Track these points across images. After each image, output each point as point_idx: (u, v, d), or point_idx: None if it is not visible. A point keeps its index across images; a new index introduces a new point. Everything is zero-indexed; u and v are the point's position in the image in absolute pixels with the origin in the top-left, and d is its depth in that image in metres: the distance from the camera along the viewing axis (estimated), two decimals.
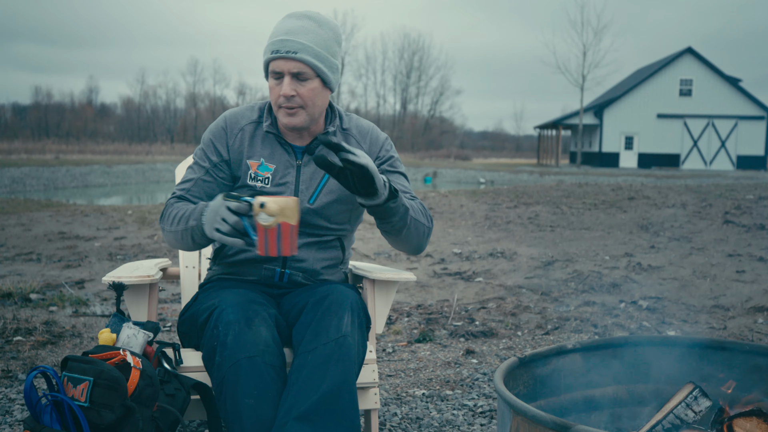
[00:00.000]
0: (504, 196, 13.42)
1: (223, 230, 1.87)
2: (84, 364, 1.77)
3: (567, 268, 5.98)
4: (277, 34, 2.02)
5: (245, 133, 2.17)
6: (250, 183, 2.14)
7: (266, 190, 2.12)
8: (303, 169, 2.15)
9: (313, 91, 2.04)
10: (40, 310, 4.46)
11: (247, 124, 2.18)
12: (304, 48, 2.00)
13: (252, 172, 2.14)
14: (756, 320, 4.34)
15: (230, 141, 2.16)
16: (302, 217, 2.12)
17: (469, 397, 3.04)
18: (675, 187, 15.46)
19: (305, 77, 2.02)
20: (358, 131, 2.22)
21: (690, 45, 42.30)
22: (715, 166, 41.98)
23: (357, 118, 2.27)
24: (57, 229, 8.72)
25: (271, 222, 1.85)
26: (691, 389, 1.97)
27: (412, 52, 73.59)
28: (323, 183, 2.15)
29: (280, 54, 2.00)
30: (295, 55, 1.99)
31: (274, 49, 2.01)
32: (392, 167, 2.21)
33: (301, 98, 2.04)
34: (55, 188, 24.76)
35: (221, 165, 2.16)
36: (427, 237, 2.13)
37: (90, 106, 75.75)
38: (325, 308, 1.94)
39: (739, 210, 10.26)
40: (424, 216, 2.10)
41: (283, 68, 2.01)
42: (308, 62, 2.01)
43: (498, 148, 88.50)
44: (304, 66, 2.01)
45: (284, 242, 1.87)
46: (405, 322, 4.34)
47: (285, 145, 2.16)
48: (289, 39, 2.00)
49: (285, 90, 2.01)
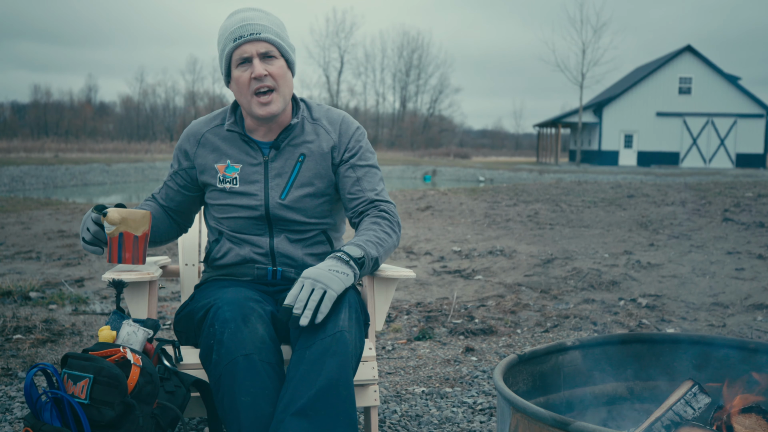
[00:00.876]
0: (503, 194, 13.42)
1: (86, 239, 2.07)
2: (84, 362, 1.77)
3: (566, 266, 5.98)
4: (233, 25, 2.07)
5: (207, 140, 2.21)
6: (220, 186, 2.18)
7: (236, 190, 2.15)
8: (271, 165, 2.15)
9: (281, 68, 2.09)
10: (39, 308, 4.46)
11: (208, 131, 2.22)
12: (265, 28, 2.06)
13: (220, 175, 2.17)
14: (755, 317, 4.35)
15: (191, 151, 2.23)
16: (277, 213, 2.14)
17: (469, 395, 3.04)
18: (674, 184, 15.47)
19: (272, 55, 2.07)
20: (328, 121, 2.21)
21: (690, 43, 42.27)
22: (714, 164, 41.99)
23: (328, 109, 2.26)
24: (56, 227, 8.72)
25: (113, 231, 2.00)
26: (690, 386, 1.97)
27: (411, 50, 73.63)
28: (293, 177, 2.15)
29: (245, 38, 2.04)
30: (259, 35, 2.04)
31: (237, 36, 2.04)
32: (362, 160, 2.19)
33: (273, 78, 2.07)
34: (55, 187, 24.75)
35: (181, 173, 2.25)
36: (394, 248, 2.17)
37: (89, 104, 75.73)
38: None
39: (739, 207, 10.26)
40: (389, 236, 2.11)
41: (250, 51, 2.05)
42: (273, 41, 2.06)
43: (497, 147, 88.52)
44: (269, 45, 2.06)
45: (126, 251, 2.05)
46: (404, 320, 4.34)
47: (250, 143, 2.17)
48: (249, 23, 2.05)
49: (257, 70, 2.04)
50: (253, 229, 2.17)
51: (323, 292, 1.82)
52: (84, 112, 72.28)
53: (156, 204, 2.35)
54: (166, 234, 2.38)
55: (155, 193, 2.36)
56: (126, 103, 76.62)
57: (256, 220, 2.15)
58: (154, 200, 2.35)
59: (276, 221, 2.15)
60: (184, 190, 2.29)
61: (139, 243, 2.04)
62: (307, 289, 1.82)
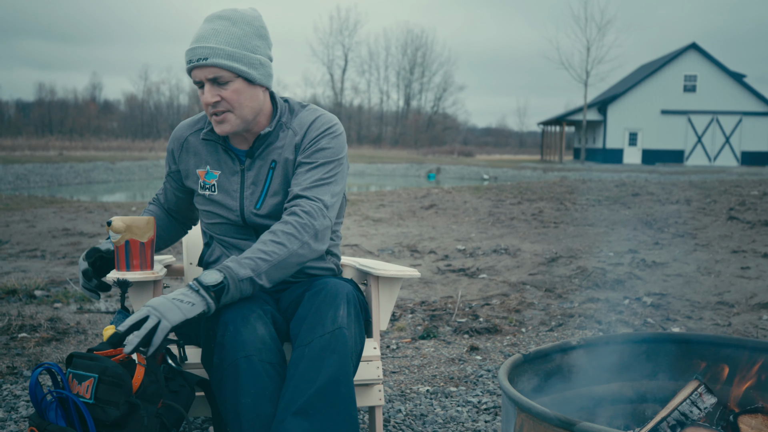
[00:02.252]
0: (507, 193, 13.41)
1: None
2: (89, 361, 1.77)
3: (571, 265, 5.97)
4: (191, 42, 2.00)
5: (189, 144, 2.20)
6: (201, 192, 2.17)
7: (214, 198, 2.14)
8: (247, 174, 2.12)
9: (236, 92, 1.99)
10: (44, 306, 4.47)
11: (190, 135, 2.20)
12: (213, 52, 1.95)
13: (201, 181, 2.17)
14: (761, 317, 4.33)
15: (176, 154, 2.23)
16: (254, 221, 2.10)
17: (474, 394, 3.04)
18: (679, 183, 15.43)
19: (224, 80, 1.97)
20: (298, 123, 2.12)
21: (695, 41, 42.15)
22: (719, 162, 41.88)
23: (309, 111, 2.15)
24: (61, 225, 8.73)
25: (119, 239, 2.00)
26: (696, 386, 1.96)
27: (415, 48, 73.58)
28: (267, 186, 2.10)
29: (193, 63, 1.97)
30: (206, 61, 1.95)
31: (188, 59, 1.99)
32: (308, 159, 2.07)
33: (228, 102, 1.99)
34: (59, 185, 24.80)
35: (172, 175, 2.28)
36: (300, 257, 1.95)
37: (93, 102, 75.85)
38: (321, 301, 1.93)
39: (744, 206, 10.23)
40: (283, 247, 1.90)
41: (200, 76, 1.98)
42: (222, 65, 1.95)
43: (501, 144, 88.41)
44: (218, 70, 1.96)
45: (134, 259, 2.07)
46: (409, 319, 4.33)
47: (228, 151, 2.13)
48: (199, 46, 1.96)
49: (206, 98, 1.98)
50: (239, 234, 2.16)
51: (157, 322, 1.71)
52: (88, 110, 72.39)
53: (158, 207, 2.40)
54: (170, 238, 2.43)
55: (158, 194, 2.40)
56: (130, 101, 76.76)
57: (238, 226, 2.14)
58: (157, 202, 2.41)
59: (257, 227, 2.12)
60: (177, 192, 2.31)
61: (145, 249, 2.06)
62: (139, 316, 1.72)
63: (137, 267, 2.05)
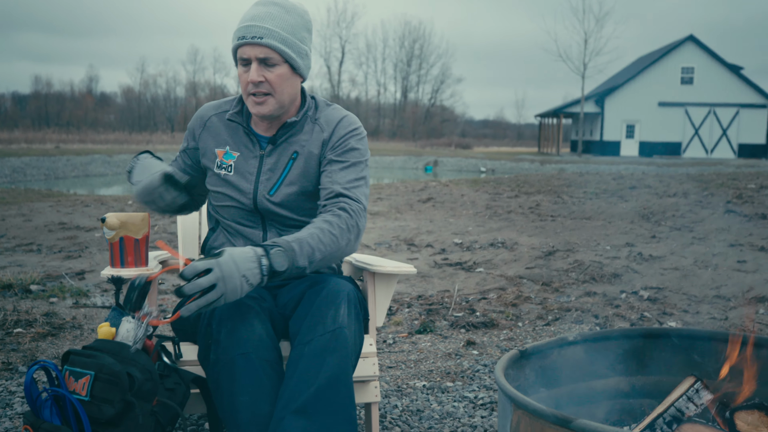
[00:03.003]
0: (505, 186, 13.40)
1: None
2: (85, 358, 1.77)
3: (568, 258, 5.97)
4: (244, 20, 2.02)
5: (212, 123, 2.21)
6: (217, 171, 2.17)
7: (229, 178, 2.14)
8: (265, 159, 2.14)
9: (280, 77, 2.03)
10: (40, 301, 4.45)
11: (214, 115, 2.22)
12: (270, 33, 1.99)
13: (218, 160, 2.17)
14: (757, 310, 4.33)
15: (197, 132, 2.22)
16: (265, 207, 2.12)
17: (470, 389, 3.03)
18: (676, 176, 15.43)
19: (272, 62, 2.01)
20: (326, 120, 2.17)
21: (694, 33, 42.14)
22: (716, 154, 41.90)
23: (334, 109, 2.21)
24: (57, 219, 8.71)
25: (113, 236, 1.98)
26: (693, 382, 1.96)
27: (412, 39, 73.45)
28: (284, 174, 2.12)
29: (246, 40, 1.99)
30: (261, 40, 1.98)
31: (240, 36, 2.01)
32: (344, 156, 2.11)
33: (270, 84, 2.03)
34: (56, 178, 24.75)
35: (189, 152, 2.25)
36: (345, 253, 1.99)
37: (90, 95, 75.65)
38: (321, 300, 1.93)
39: (741, 199, 10.24)
40: (336, 240, 1.93)
41: (249, 54, 2.01)
42: (275, 47, 2.00)
43: (499, 137, 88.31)
44: (270, 51, 2.00)
45: (128, 255, 2.07)
46: (406, 313, 4.33)
47: (250, 134, 2.16)
48: (255, 24, 1.99)
49: (252, 76, 2.01)
50: (246, 221, 2.15)
51: (218, 297, 1.69)
52: (85, 102, 72.22)
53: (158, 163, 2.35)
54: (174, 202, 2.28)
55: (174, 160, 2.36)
56: (127, 93, 76.55)
57: (248, 211, 2.14)
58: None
59: (267, 215, 2.14)
60: (190, 170, 2.28)
61: (140, 246, 2.06)
62: (207, 282, 1.68)
63: (131, 263, 2.05)
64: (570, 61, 50.43)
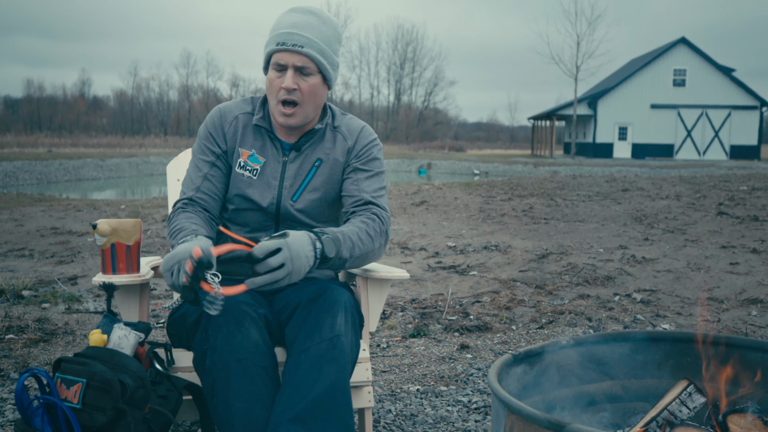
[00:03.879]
0: (498, 189, 13.42)
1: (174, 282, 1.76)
2: (77, 366, 1.76)
3: (561, 261, 5.98)
4: (283, 26, 2.04)
5: (239, 122, 2.19)
6: (238, 171, 2.16)
7: (253, 182, 2.13)
8: (288, 166, 2.16)
9: (313, 86, 2.06)
10: (32, 307, 4.43)
11: (240, 114, 2.20)
12: (309, 42, 2.02)
13: (242, 160, 2.16)
14: (750, 312, 4.35)
15: (226, 129, 2.18)
16: (287, 213, 2.13)
17: (464, 393, 3.03)
18: (669, 178, 15.48)
19: (308, 72, 2.04)
20: (347, 129, 2.22)
21: (687, 35, 42.34)
22: (708, 155, 42.06)
23: (351, 118, 2.26)
24: (50, 224, 8.68)
25: (105, 242, 1.98)
26: (686, 385, 1.96)
27: (405, 42, 73.51)
28: (307, 181, 2.15)
29: (286, 47, 2.01)
30: (301, 48, 2.01)
31: (280, 41, 2.02)
32: (369, 166, 2.18)
33: (302, 93, 2.05)
34: (48, 182, 24.66)
35: (221, 158, 2.18)
36: (376, 257, 2.07)
37: (82, 99, 75.47)
38: (319, 307, 1.93)
39: (733, 201, 10.28)
40: (372, 241, 2.00)
41: (287, 61, 2.02)
42: (313, 57, 2.03)
43: (492, 139, 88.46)
44: (308, 60, 2.03)
45: (120, 262, 2.06)
46: (399, 317, 4.33)
47: (274, 140, 2.17)
48: (296, 32, 2.02)
49: (288, 82, 2.02)
50: (259, 225, 2.15)
51: (284, 276, 1.72)
52: (77, 106, 72.00)
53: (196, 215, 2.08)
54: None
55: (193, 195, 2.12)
56: (119, 97, 76.40)
57: (265, 217, 2.15)
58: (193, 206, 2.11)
59: (285, 220, 2.15)
60: (223, 184, 2.16)
61: (132, 252, 2.04)
62: (277, 262, 1.71)
63: (123, 270, 2.04)
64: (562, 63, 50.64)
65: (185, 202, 2.12)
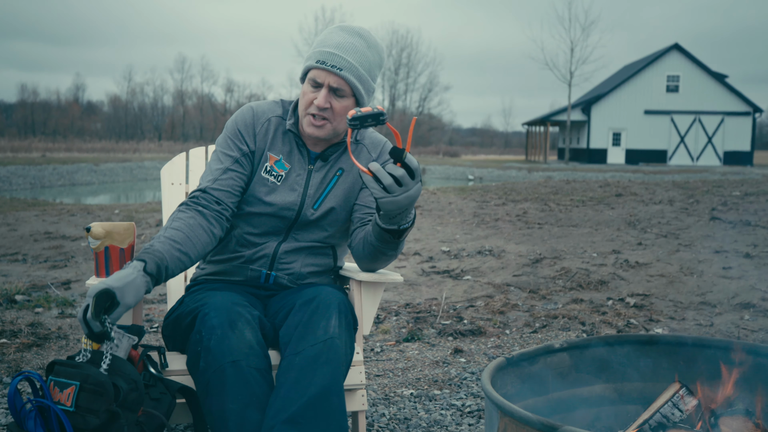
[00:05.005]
0: (492, 193, 13.44)
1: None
2: (70, 368, 1.75)
3: (555, 266, 5.99)
4: (327, 45, 2.05)
5: (271, 125, 2.20)
6: (264, 175, 2.16)
7: (277, 188, 2.15)
8: (314, 174, 2.18)
9: (345, 108, 2.08)
10: (25, 311, 4.42)
11: (273, 116, 2.21)
12: (349, 67, 2.04)
13: (268, 165, 2.16)
14: (742, 316, 4.37)
15: (257, 129, 2.18)
16: (306, 220, 2.16)
17: (458, 397, 3.04)
18: (662, 183, 15.53)
19: (342, 94, 2.06)
20: (370, 142, 2.26)
21: (680, 42, 42.53)
22: (702, 161, 42.22)
23: (372, 132, 2.30)
24: (43, 228, 8.66)
25: (98, 245, 1.97)
26: (678, 388, 1.98)
27: (400, 48, 73.52)
28: (329, 189, 2.18)
29: (326, 66, 2.03)
30: (339, 71, 2.03)
31: (321, 60, 2.04)
32: None
33: (333, 112, 2.07)
34: (42, 187, 24.58)
35: (249, 156, 2.16)
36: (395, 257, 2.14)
37: (77, 103, 75.37)
38: (313, 309, 1.93)
39: (726, 206, 10.32)
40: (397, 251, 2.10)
41: (324, 80, 2.04)
42: (349, 81, 2.05)
43: (486, 145, 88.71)
44: (344, 83, 2.05)
45: (113, 265, 2.04)
46: (393, 321, 4.33)
47: (302, 147, 2.18)
48: (338, 54, 2.03)
49: (320, 101, 2.04)
50: (271, 229, 2.16)
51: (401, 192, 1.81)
52: (71, 111, 71.90)
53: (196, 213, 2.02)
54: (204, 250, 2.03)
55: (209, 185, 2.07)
56: (114, 102, 76.31)
57: (280, 222, 2.16)
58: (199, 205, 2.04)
59: (298, 226, 2.17)
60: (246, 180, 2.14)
61: (125, 256, 2.04)
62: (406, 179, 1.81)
63: None
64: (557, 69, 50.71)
65: (196, 196, 2.07)
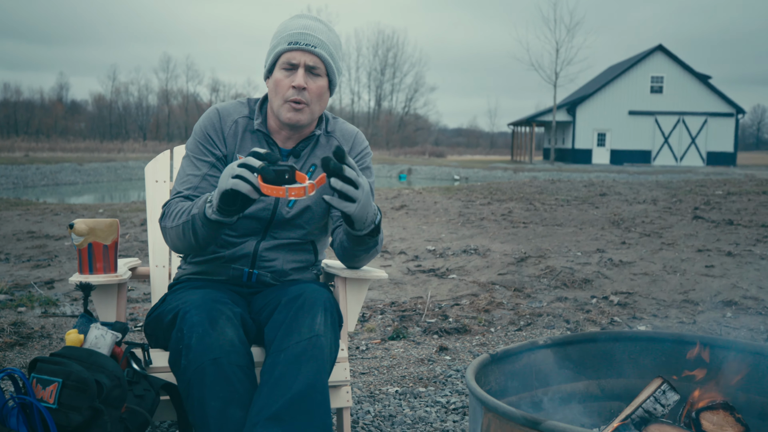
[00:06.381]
0: (478, 193, 13.48)
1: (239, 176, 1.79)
2: (53, 366, 1.75)
3: (540, 264, 6.02)
4: (294, 28, 2.07)
5: (238, 126, 2.18)
6: None
7: None
8: None
9: (321, 88, 2.09)
10: (8, 311, 4.39)
11: (239, 118, 2.19)
12: (321, 44, 2.06)
13: None
14: (724, 314, 4.41)
15: (226, 132, 2.16)
16: (281, 219, 2.13)
17: (442, 394, 3.05)
18: (646, 183, 15.64)
19: (317, 72, 2.07)
20: (341, 134, 2.25)
21: (664, 43, 42.86)
22: (685, 162, 42.55)
23: (342, 122, 2.29)
24: (26, 228, 8.58)
25: (82, 242, 1.97)
26: (660, 383, 1.99)
27: (386, 48, 73.68)
28: None
29: (299, 46, 2.04)
30: (314, 48, 2.05)
31: (293, 41, 2.05)
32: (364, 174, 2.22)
33: (310, 93, 2.07)
34: (25, 187, 24.37)
35: (222, 160, 2.15)
36: (375, 255, 2.16)
37: (60, 103, 74.71)
38: (298, 307, 1.93)
39: (709, 205, 10.41)
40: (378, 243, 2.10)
41: (299, 60, 2.05)
42: (324, 58, 2.07)
43: (472, 145, 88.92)
44: (319, 61, 2.07)
45: (97, 262, 2.05)
46: (379, 320, 4.34)
47: (272, 146, 2.16)
48: (309, 33, 2.05)
49: (298, 81, 2.04)
50: (247, 230, 2.14)
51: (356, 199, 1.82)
52: (55, 110, 71.30)
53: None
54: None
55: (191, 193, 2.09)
56: (98, 101, 75.73)
57: (256, 223, 2.13)
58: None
59: (276, 225, 2.15)
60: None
61: (109, 252, 2.03)
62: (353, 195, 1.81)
63: (100, 270, 2.03)
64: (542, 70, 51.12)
65: (183, 197, 2.07)
